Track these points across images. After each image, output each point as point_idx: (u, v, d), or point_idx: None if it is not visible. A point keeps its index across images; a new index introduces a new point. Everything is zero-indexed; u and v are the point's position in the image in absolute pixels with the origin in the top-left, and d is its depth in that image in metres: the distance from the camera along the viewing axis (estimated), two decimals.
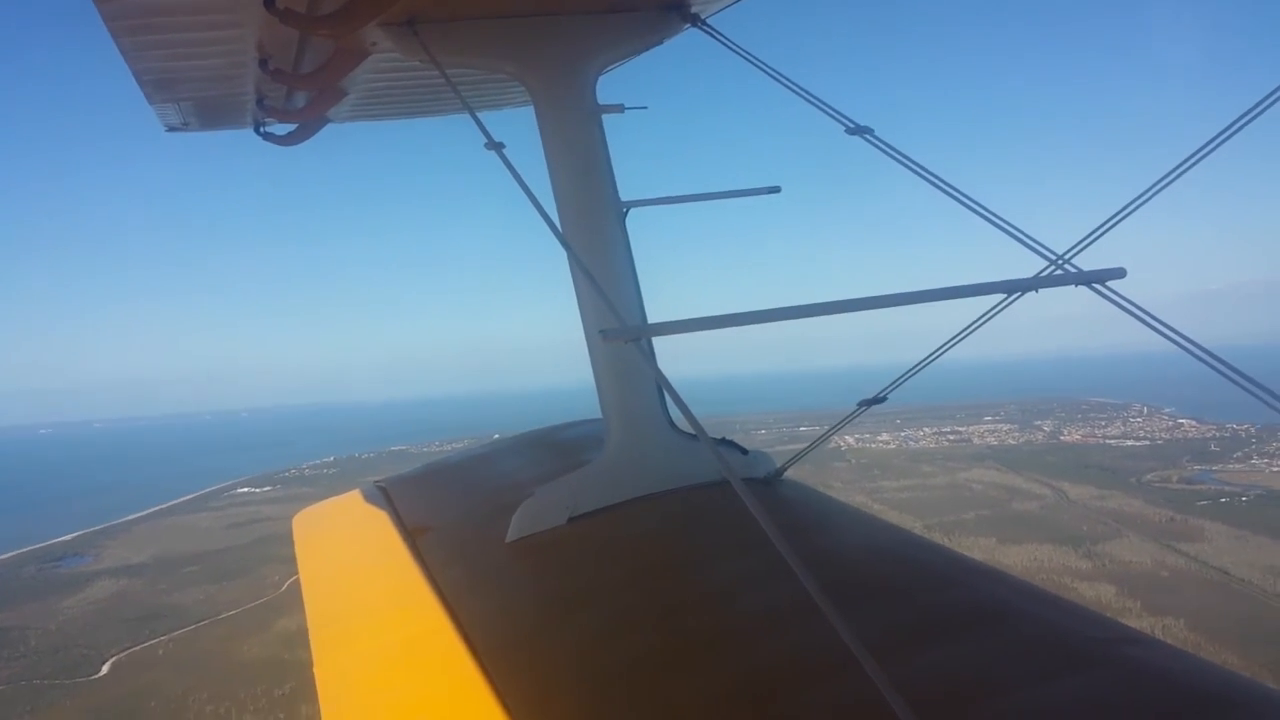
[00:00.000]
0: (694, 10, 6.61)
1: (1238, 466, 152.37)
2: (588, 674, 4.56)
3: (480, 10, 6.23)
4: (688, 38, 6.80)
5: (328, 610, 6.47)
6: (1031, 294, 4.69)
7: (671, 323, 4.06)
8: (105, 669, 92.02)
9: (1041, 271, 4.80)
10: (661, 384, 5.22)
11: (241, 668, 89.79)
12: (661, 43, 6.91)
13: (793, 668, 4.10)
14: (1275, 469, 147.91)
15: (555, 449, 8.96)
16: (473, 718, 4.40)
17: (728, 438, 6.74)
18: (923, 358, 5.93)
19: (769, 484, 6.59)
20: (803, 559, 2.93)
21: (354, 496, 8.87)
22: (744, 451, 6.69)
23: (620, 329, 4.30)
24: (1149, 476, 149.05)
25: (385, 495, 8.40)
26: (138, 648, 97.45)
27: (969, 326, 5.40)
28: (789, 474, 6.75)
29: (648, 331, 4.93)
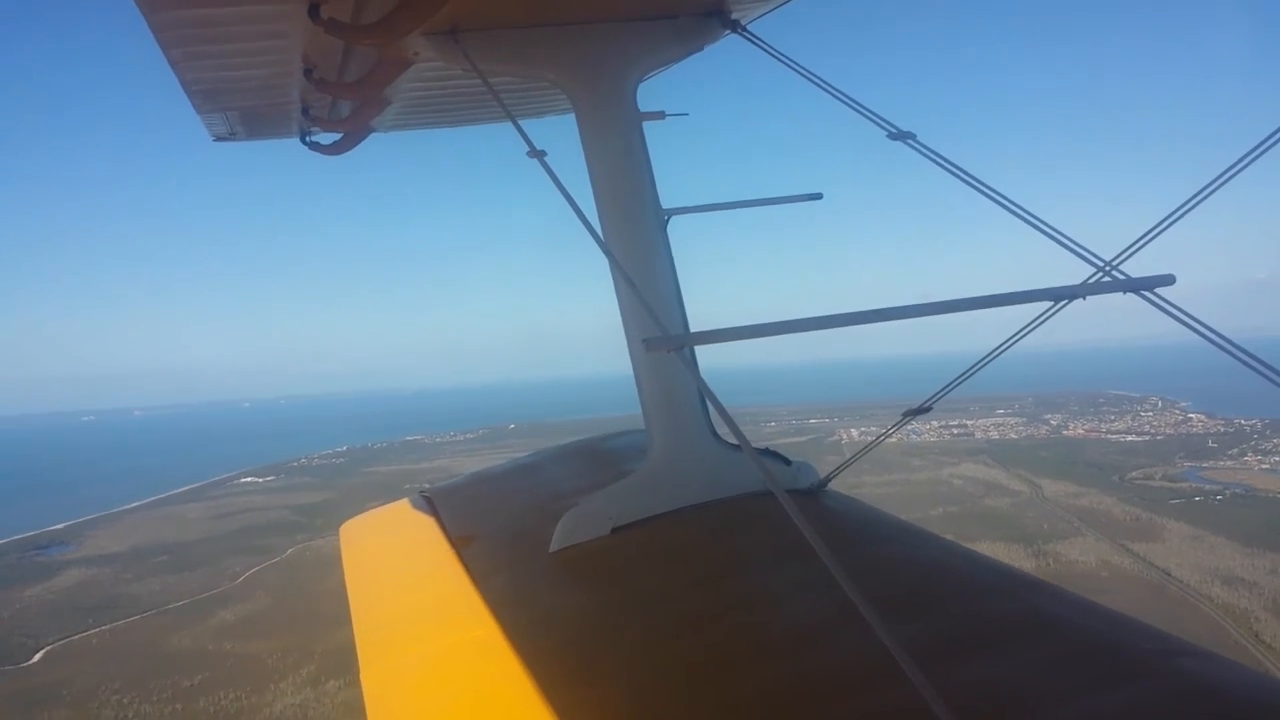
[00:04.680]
0: (734, 16, 6.65)
1: (1228, 464, 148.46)
2: (633, 684, 4.59)
3: (521, 19, 6.31)
4: (728, 44, 6.88)
5: (373, 618, 6.54)
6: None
7: (714, 331, 4.03)
8: (36, 658, 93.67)
9: (1089, 278, 4.73)
10: (704, 393, 5.28)
11: (163, 659, 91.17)
12: (702, 49, 6.95)
13: (839, 679, 4.10)
14: (1265, 466, 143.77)
15: (598, 459, 9.08)
16: None
17: (771, 448, 6.74)
18: (965, 369, 5.91)
19: (813, 495, 6.55)
20: (847, 570, 2.93)
21: (399, 506, 8.97)
22: (787, 462, 6.65)
23: (663, 338, 4.26)
24: (1133, 473, 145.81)
25: (430, 504, 8.48)
26: (76, 637, 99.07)
27: (1014, 336, 5.30)
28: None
29: (690, 340, 4.92)
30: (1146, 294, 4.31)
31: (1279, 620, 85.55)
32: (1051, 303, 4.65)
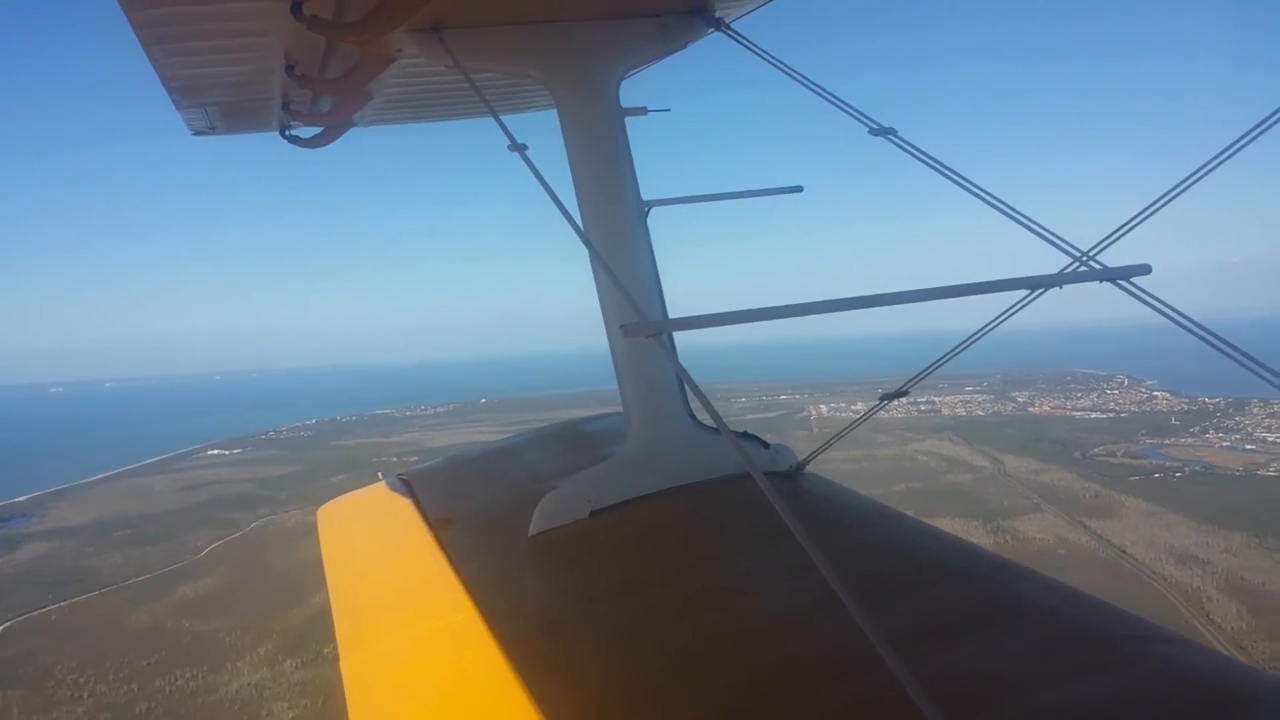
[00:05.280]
0: (717, 15, 6.66)
1: (1189, 441, 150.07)
2: (610, 667, 4.60)
3: (504, 16, 6.32)
4: (711, 41, 6.91)
5: (352, 602, 6.54)
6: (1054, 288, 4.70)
7: (692, 317, 4.07)
8: None
9: (1066, 268, 4.77)
10: (683, 378, 5.45)
11: (122, 637, 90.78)
12: (685, 47, 6.98)
13: (817, 663, 4.13)
14: (1225, 444, 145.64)
15: (577, 442, 9.16)
16: (497, 710, 4.47)
17: (749, 431, 6.86)
18: (937, 348, 6.04)
19: (791, 477, 6.61)
20: (825, 553, 2.92)
21: (377, 489, 8.98)
22: (765, 445, 6.75)
23: (641, 324, 4.20)
24: (1095, 450, 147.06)
25: (408, 487, 8.45)
26: (35, 613, 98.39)
27: (991, 323, 5.43)
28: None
29: (668, 326, 4.84)
30: (1123, 283, 4.38)
31: (1230, 599, 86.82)
32: (1029, 291, 4.79)
